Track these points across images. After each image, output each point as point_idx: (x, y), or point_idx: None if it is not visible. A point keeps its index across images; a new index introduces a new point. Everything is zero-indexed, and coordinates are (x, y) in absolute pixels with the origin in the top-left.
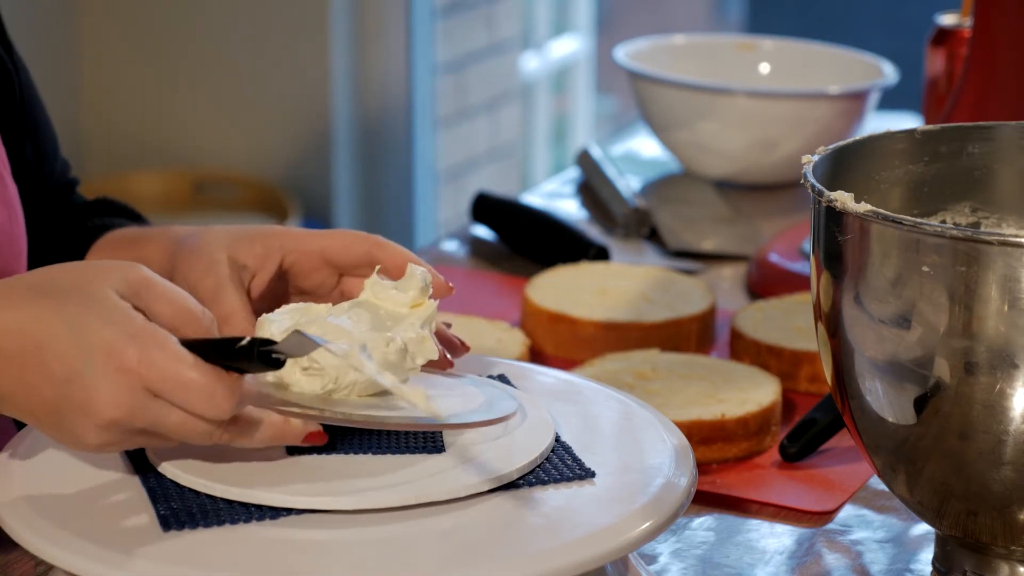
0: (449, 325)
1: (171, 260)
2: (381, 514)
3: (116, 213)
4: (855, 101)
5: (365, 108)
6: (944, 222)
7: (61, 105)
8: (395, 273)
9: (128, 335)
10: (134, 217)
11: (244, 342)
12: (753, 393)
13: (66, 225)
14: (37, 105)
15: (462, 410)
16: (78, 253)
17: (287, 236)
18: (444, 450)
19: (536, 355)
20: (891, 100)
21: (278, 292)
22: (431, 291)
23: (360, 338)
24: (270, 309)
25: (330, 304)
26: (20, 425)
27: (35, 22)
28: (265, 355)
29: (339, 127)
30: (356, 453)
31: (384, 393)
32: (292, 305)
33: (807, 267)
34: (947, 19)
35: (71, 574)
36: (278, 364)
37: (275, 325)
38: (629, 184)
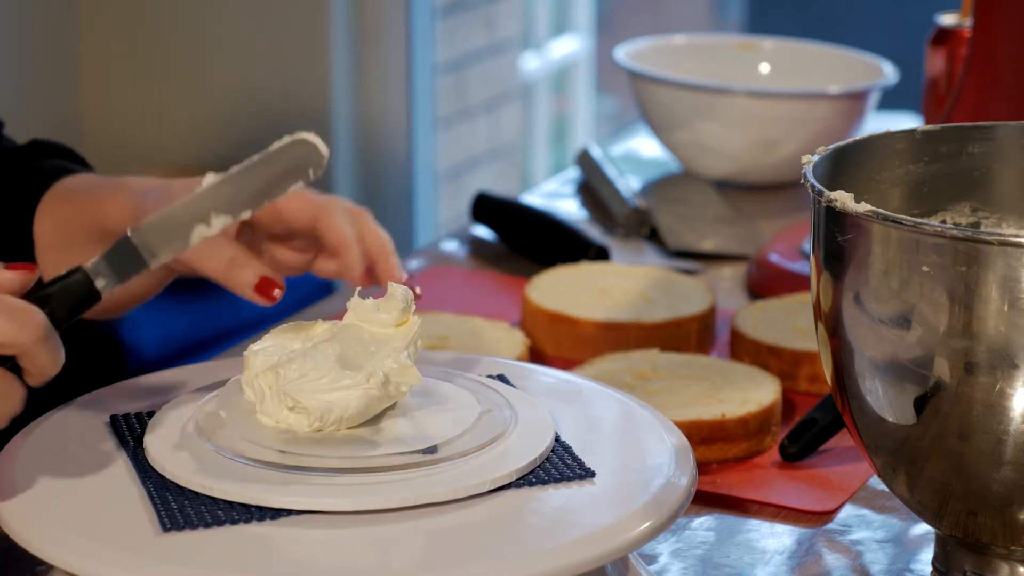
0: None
1: (133, 218)
2: (381, 514)
3: (54, 154)
4: (855, 101)
5: (365, 108)
6: (944, 222)
7: (61, 105)
8: (333, 251)
9: None
10: (74, 158)
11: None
12: (753, 393)
13: (5, 172)
14: None
15: (451, 434)
16: (28, 203)
17: None
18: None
19: (536, 355)
20: (891, 100)
21: (251, 241)
22: (414, 308)
23: (338, 376)
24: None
25: (320, 320)
26: (17, 427)
27: (35, 22)
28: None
29: (339, 127)
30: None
31: (374, 421)
32: (281, 327)
33: (807, 267)
34: (947, 19)
35: (71, 574)
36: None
37: (260, 355)
38: (629, 184)
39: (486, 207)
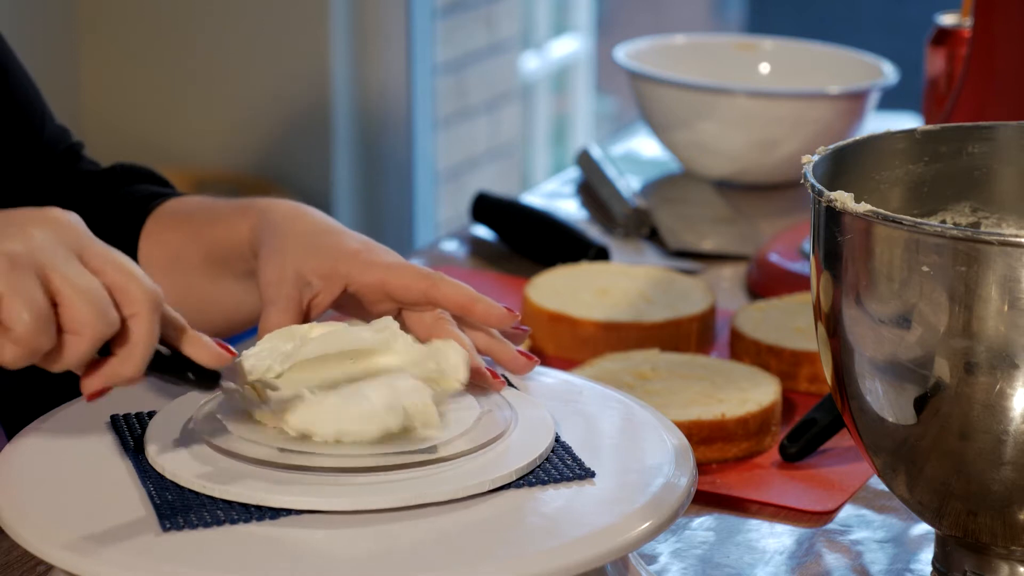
0: (526, 331)
1: (258, 242)
2: (380, 514)
3: (139, 177)
4: (855, 101)
5: (365, 108)
6: (944, 222)
7: (61, 105)
8: (455, 311)
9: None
10: (158, 180)
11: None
12: (753, 393)
13: (95, 199)
14: (12, 73)
15: (451, 434)
16: (129, 230)
17: (353, 263)
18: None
19: (536, 355)
20: (891, 100)
21: (346, 306)
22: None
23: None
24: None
25: (314, 323)
26: (15, 428)
27: (35, 22)
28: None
29: (339, 127)
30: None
31: (392, 438)
32: (273, 333)
33: (807, 267)
34: (947, 19)
35: (71, 574)
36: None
37: (251, 360)
38: (629, 184)
39: (486, 207)
